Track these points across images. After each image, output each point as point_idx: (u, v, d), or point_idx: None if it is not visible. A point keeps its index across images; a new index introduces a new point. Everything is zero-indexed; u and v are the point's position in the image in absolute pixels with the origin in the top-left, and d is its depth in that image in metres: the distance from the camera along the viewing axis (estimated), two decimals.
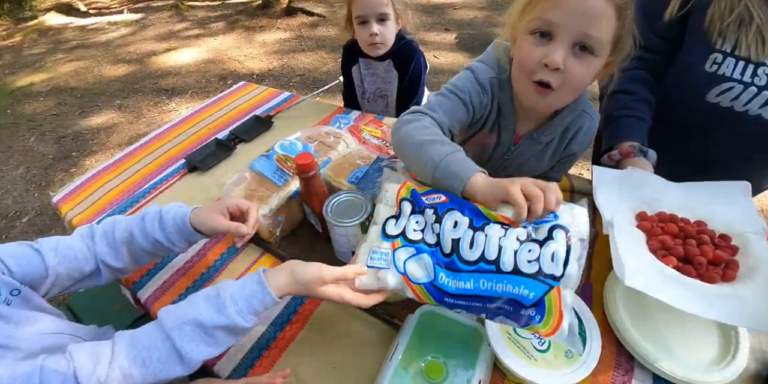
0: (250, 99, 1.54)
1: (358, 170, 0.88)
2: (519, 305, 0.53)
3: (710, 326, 0.73)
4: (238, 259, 0.91)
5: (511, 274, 0.54)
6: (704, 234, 0.73)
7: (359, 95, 1.52)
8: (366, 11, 1.26)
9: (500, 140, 0.87)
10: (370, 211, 0.75)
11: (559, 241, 0.55)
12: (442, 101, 0.77)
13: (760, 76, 0.78)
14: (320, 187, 0.82)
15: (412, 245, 0.60)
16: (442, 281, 0.56)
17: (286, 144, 0.97)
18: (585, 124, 0.83)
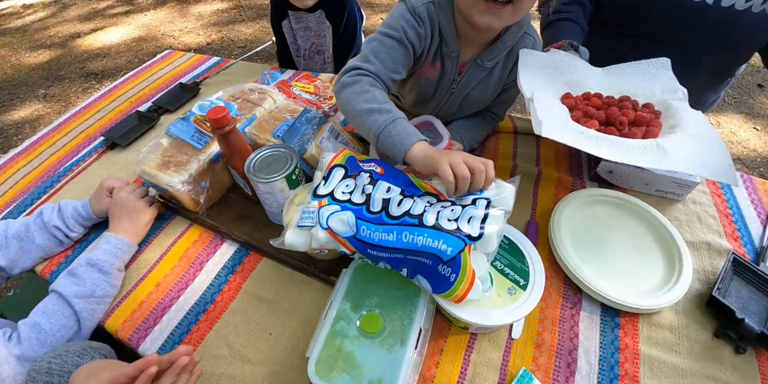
0: (176, 67, 1.41)
1: (284, 124, 0.80)
2: (437, 259, 0.53)
3: (654, 251, 0.73)
4: (163, 233, 0.83)
5: (431, 229, 0.55)
6: (627, 102, 0.74)
7: (294, 53, 1.42)
8: None
9: (444, 70, 0.82)
10: (295, 163, 0.69)
11: (479, 208, 0.58)
12: (376, 48, 0.73)
13: None
14: (242, 144, 0.75)
15: (338, 203, 0.60)
16: (364, 234, 0.56)
17: (206, 104, 0.87)
18: (528, 46, 0.80)
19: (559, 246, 0.71)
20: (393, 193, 0.60)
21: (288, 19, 1.34)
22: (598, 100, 0.73)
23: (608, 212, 0.79)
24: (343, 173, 0.64)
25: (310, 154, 0.75)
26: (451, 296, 0.54)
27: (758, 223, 0.84)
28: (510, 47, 0.79)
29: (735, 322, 0.64)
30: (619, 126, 0.68)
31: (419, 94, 0.89)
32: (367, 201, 0.60)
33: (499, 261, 0.62)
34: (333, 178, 0.64)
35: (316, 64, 1.42)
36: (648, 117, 0.69)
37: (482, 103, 0.90)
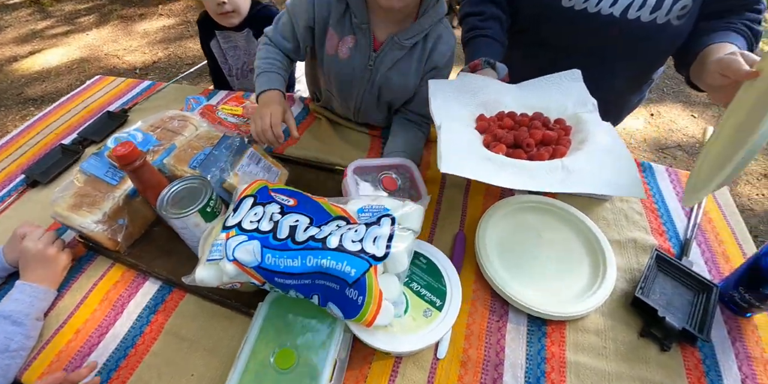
0: (104, 94, 1.35)
1: (201, 153, 0.78)
2: (344, 283, 0.52)
3: (581, 255, 0.74)
4: (84, 276, 0.78)
5: (335, 251, 0.54)
6: (538, 121, 0.75)
7: (226, 73, 1.39)
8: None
9: (358, 44, 0.84)
10: (209, 195, 0.67)
11: (384, 227, 0.57)
12: (280, 18, 0.91)
13: None
14: (155, 178, 0.72)
15: (245, 233, 0.59)
16: (268, 262, 0.55)
17: (122, 137, 0.84)
18: (444, 33, 0.84)
19: (484, 258, 0.71)
20: (300, 223, 0.59)
21: (216, 40, 1.32)
22: (510, 120, 0.74)
23: (536, 219, 0.80)
24: (252, 202, 0.63)
25: (229, 183, 0.73)
26: (361, 320, 0.53)
27: (683, 215, 0.87)
28: (427, 30, 0.82)
29: (658, 321, 0.66)
30: (526, 148, 0.69)
31: (338, 77, 0.92)
32: (275, 228, 0.59)
33: (415, 282, 0.61)
34: (242, 208, 0.62)
35: (250, 83, 1.39)
36: (555, 136, 0.70)
37: (403, 92, 0.90)
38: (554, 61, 0.87)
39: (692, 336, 0.64)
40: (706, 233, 0.83)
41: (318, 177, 0.89)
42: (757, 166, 2.38)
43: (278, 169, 0.82)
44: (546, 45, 0.95)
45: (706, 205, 0.89)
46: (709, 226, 0.85)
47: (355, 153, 0.98)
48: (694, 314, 0.68)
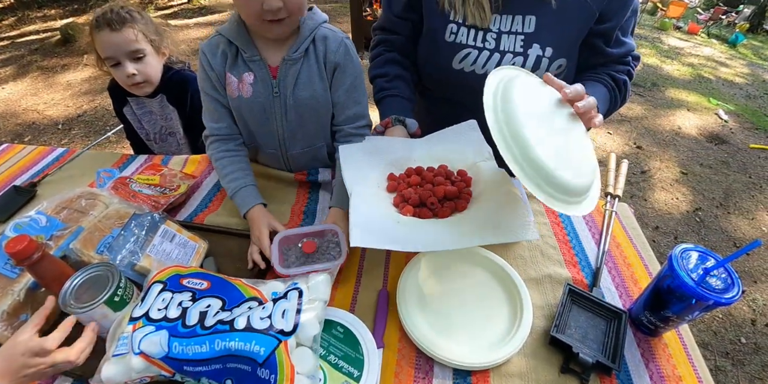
0: (12, 165, 1.27)
1: (109, 236, 0.75)
2: (254, 363, 0.52)
3: (500, 298, 0.77)
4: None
5: (243, 331, 0.54)
6: (441, 176, 0.80)
7: (144, 137, 1.36)
8: (113, 52, 1.13)
9: (256, 78, 0.89)
10: (117, 282, 0.64)
11: (291, 301, 0.58)
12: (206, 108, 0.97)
13: (489, 40, 0.89)
14: (57, 269, 0.68)
15: (152, 324, 0.57)
16: (176, 351, 0.54)
17: (23, 223, 0.79)
18: (328, 34, 0.89)
19: (406, 315, 0.72)
20: (211, 308, 0.59)
21: (129, 106, 1.29)
22: (417, 177, 0.79)
23: (454, 266, 0.83)
24: (161, 287, 0.62)
25: (141, 265, 0.71)
26: None
27: (593, 243, 0.93)
28: (311, 36, 0.87)
29: (574, 356, 0.69)
30: (430, 206, 0.73)
31: (251, 117, 0.95)
32: (183, 315, 0.58)
33: (332, 354, 0.62)
34: (149, 295, 0.61)
35: (171, 146, 1.37)
36: (455, 190, 0.75)
37: (318, 103, 0.93)
38: (456, 115, 0.94)
39: (606, 367, 0.68)
40: (615, 258, 0.90)
41: (241, 245, 0.88)
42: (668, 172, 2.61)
43: (195, 242, 0.81)
44: (446, 100, 1.03)
45: (613, 229, 0.95)
46: (617, 250, 0.92)
47: (277, 212, 0.98)
48: (607, 343, 0.72)
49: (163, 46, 1.23)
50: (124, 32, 1.11)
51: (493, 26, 0.88)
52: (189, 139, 1.32)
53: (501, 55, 0.89)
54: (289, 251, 0.81)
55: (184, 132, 1.31)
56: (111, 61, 1.15)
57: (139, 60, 1.16)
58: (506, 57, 0.89)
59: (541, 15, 0.86)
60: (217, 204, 1.03)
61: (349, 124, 0.97)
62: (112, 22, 1.10)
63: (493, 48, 0.89)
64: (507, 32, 0.88)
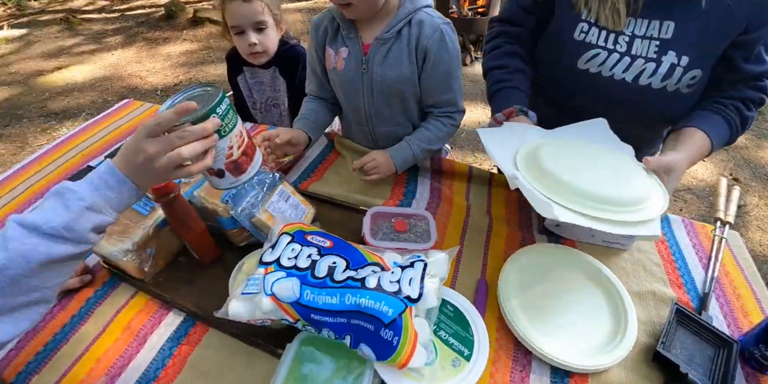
0: (133, 118, 1.39)
1: None
2: (379, 323, 0.53)
3: (602, 306, 0.75)
4: (106, 303, 0.79)
5: (373, 291, 0.55)
6: None
7: (250, 106, 1.44)
8: (240, 21, 1.20)
9: (350, 54, 0.95)
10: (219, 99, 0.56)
11: (416, 270, 0.59)
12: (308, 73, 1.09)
13: (621, 43, 0.85)
14: (186, 211, 0.74)
15: (283, 270, 0.60)
16: (307, 298, 0.56)
17: None
18: (425, 19, 0.90)
19: (507, 307, 0.71)
20: (338, 265, 0.61)
21: (243, 75, 1.37)
22: None
23: (557, 268, 0.81)
24: (289, 239, 0.65)
25: (258, 218, 0.75)
26: (395, 362, 0.53)
27: (700, 268, 0.87)
28: (407, 18, 0.89)
29: (680, 377, 0.65)
30: None
31: (342, 89, 1.02)
32: (312, 266, 0.60)
33: (443, 330, 0.62)
34: (279, 244, 0.64)
35: (273, 117, 1.44)
36: None
37: (404, 82, 0.95)
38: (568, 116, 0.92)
39: None
40: (724, 287, 0.84)
41: (341, 216, 0.91)
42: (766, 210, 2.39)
43: (305, 207, 0.84)
44: (559, 102, 1.00)
45: (723, 257, 0.89)
46: (727, 279, 0.85)
47: (377, 190, 1.01)
48: (715, 370, 0.67)
49: (282, 21, 1.29)
50: (254, 4, 1.19)
51: (627, 29, 0.84)
52: (291, 111, 1.38)
53: (632, 59, 0.85)
54: (380, 225, 0.84)
55: (288, 104, 1.37)
56: (236, 29, 1.22)
57: (261, 31, 1.24)
58: (637, 61, 0.85)
59: (681, 21, 0.81)
60: (319, 174, 1.06)
61: (440, 108, 1.00)
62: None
63: (624, 51, 0.85)
64: (641, 37, 0.84)
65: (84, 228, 0.53)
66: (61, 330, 0.75)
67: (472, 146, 2.71)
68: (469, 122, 2.90)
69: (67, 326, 0.76)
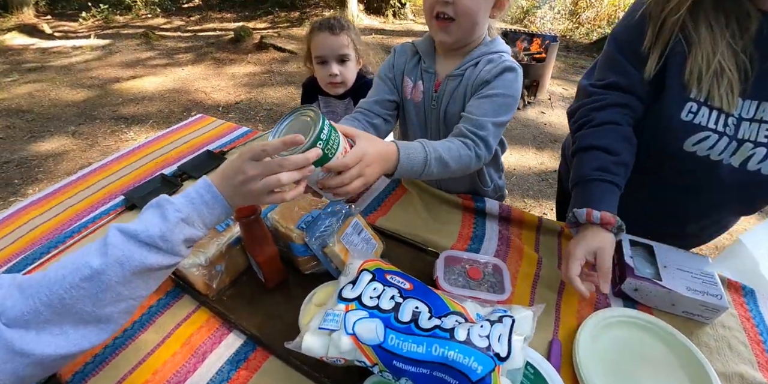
0: (204, 133, 1.46)
1: (308, 215, 0.81)
2: (466, 380, 0.50)
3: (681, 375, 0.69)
4: (168, 314, 0.80)
5: (463, 344, 0.53)
6: None
7: None
8: (326, 52, 1.26)
9: (425, 88, 0.97)
10: (320, 127, 0.58)
11: (505, 326, 0.56)
12: None
13: (730, 125, 0.79)
14: (263, 233, 0.75)
15: (365, 309, 0.58)
16: (392, 343, 0.54)
17: None
18: (494, 58, 0.90)
19: (585, 374, 0.67)
20: (421, 311, 0.59)
21: (317, 103, 1.43)
22: None
23: (635, 336, 0.76)
24: (371, 277, 0.64)
25: (331, 248, 0.75)
26: None
27: None
28: (478, 59, 0.91)
29: None
30: None
31: (414, 121, 1.04)
32: (396, 309, 0.58)
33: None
34: (360, 282, 0.63)
35: None
36: None
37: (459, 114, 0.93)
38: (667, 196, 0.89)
39: None
40: None
41: (408, 254, 0.90)
42: None
43: (376, 241, 0.84)
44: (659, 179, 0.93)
45: None
46: None
47: (445, 230, 0.99)
48: None
49: (363, 55, 1.35)
50: (341, 37, 1.25)
51: (735, 111, 0.79)
52: None
53: (738, 143, 0.80)
54: (453, 270, 0.82)
55: None
56: (320, 59, 1.28)
57: (343, 63, 1.29)
58: (744, 146, 0.80)
59: None
60: (385, 209, 1.06)
61: (466, 124, 0.86)
62: (333, 27, 1.25)
63: (732, 134, 0.79)
64: (749, 119, 0.79)
65: (177, 239, 0.55)
66: (122, 335, 0.76)
67: (521, 191, 2.67)
68: (519, 167, 2.88)
69: (127, 331, 0.76)
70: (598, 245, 0.76)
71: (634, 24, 0.83)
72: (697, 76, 0.79)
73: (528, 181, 2.78)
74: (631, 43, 0.84)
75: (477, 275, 0.80)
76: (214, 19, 6.55)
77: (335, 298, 0.61)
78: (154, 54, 4.94)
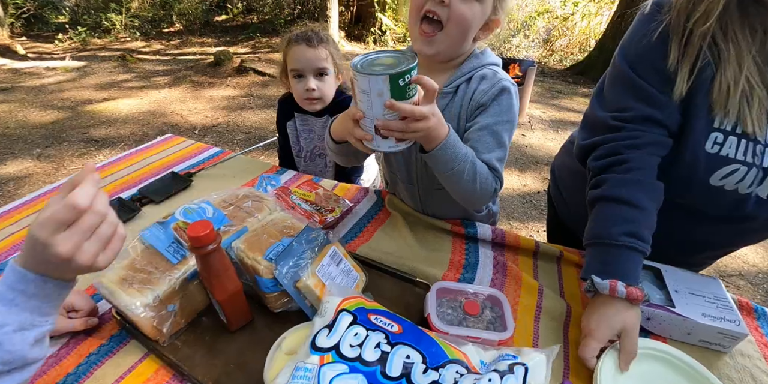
0: (172, 154, 1.36)
1: (278, 243, 0.70)
2: None
3: None
4: (110, 362, 0.66)
5: None
6: None
7: (295, 153, 1.39)
8: (302, 65, 1.19)
9: None
10: (407, 67, 0.59)
11: (518, 378, 0.48)
12: None
13: (758, 154, 0.72)
14: (224, 265, 0.64)
15: (345, 362, 0.48)
16: None
17: (192, 208, 0.78)
18: (488, 75, 0.83)
19: None
20: (414, 361, 0.49)
21: (293, 121, 1.34)
22: None
23: (656, 370, 0.68)
24: (352, 320, 0.53)
25: (305, 283, 0.65)
26: None
27: None
28: (469, 75, 0.83)
29: None
30: None
31: None
32: (383, 360, 0.48)
33: None
34: (338, 326, 0.52)
35: (317, 167, 1.38)
36: None
37: None
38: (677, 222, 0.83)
39: None
40: None
41: (395, 287, 0.79)
42: None
43: (357, 273, 0.74)
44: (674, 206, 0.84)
45: None
46: None
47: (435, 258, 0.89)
48: None
49: (343, 70, 1.28)
50: (318, 50, 1.18)
51: (762, 138, 0.72)
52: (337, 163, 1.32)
53: (765, 174, 0.72)
54: (446, 305, 0.72)
55: None
56: (296, 72, 1.20)
57: (321, 77, 1.21)
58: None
59: None
60: (368, 235, 0.96)
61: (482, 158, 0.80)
62: (311, 39, 1.18)
63: (760, 164, 0.71)
64: None
65: (22, 353, 0.46)
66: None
67: (506, 213, 2.61)
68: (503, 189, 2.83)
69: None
70: (622, 326, 0.67)
71: (654, 45, 0.75)
72: (725, 97, 0.71)
73: (512, 203, 2.73)
74: (654, 63, 0.75)
75: (474, 310, 0.70)
76: (195, 43, 6.53)
77: (308, 346, 0.50)
78: (130, 76, 4.84)
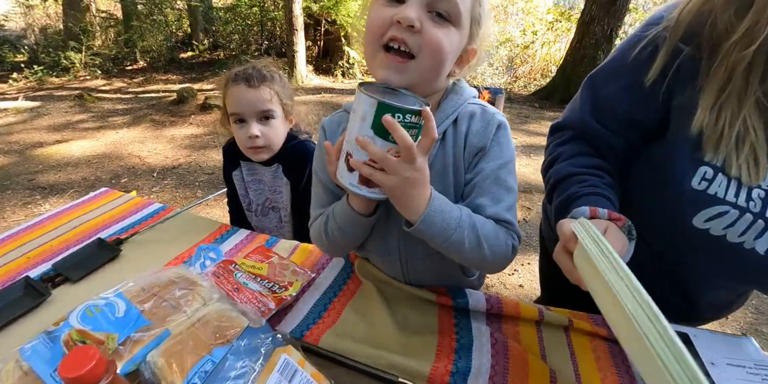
0: (104, 212, 1.15)
1: (208, 357, 0.51)
2: None
3: None
4: None
5: None
6: None
7: (245, 206, 1.20)
8: (242, 108, 1.02)
9: None
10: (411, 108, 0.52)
11: None
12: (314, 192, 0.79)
13: (755, 200, 0.61)
14: None
15: None
16: None
17: (95, 308, 0.59)
18: (477, 111, 0.70)
19: None
20: None
21: (240, 170, 1.16)
22: None
23: None
24: None
25: None
26: None
27: None
28: (454, 115, 0.69)
29: None
30: None
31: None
32: None
33: None
34: None
35: (271, 222, 1.19)
36: None
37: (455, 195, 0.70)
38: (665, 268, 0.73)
39: None
40: None
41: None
42: None
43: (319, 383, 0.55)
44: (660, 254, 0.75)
45: None
46: None
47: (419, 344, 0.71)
48: None
49: (292, 112, 1.12)
50: (260, 90, 1.02)
51: (763, 182, 0.61)
52: (294, 219, 1.14)
53: (765, 223, 0.61)
54: None
55: (291, 209, 1.13)
56: (236, 116, 1.04)
57: (266, 121, 1.05)
58: None
59: None
60: (334, 315, 0.76)
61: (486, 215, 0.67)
62: (251, 78, 1.02)
63: (758, 212, 0.61)
64: None
65: None
66: None
67: None
68: None
69: None
70: None
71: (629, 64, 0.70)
72: (712, 137, 0.61)
73: None
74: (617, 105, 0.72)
75: None
76: (159, 80, 6.36)
77: None
78: (86, 116, 4.59)
